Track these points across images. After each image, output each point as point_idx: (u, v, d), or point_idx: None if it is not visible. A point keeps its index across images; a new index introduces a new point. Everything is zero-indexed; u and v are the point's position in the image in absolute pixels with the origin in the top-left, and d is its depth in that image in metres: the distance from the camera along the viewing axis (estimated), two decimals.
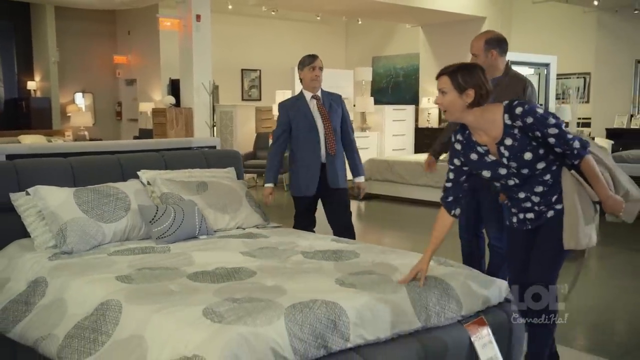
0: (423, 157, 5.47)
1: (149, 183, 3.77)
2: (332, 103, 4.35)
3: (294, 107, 4.34)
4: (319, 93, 4.34)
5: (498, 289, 2.90)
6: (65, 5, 10.75)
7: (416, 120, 12.22)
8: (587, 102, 11.25)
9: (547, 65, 8.67)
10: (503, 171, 2.58)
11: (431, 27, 11.92)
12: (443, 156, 3.91)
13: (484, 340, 2.73)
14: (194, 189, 3.80)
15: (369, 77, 11.80)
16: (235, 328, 2.12)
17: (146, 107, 11.56)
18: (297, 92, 4.59)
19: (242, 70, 13.14)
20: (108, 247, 3.28)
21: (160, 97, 11.36)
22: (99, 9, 11.06)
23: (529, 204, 2.64)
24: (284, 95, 11.59)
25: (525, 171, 2.54)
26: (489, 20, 11.35)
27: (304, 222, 4.38)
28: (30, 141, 9.27)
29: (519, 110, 2.46)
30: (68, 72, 12.53)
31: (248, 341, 2.09)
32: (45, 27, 12.00)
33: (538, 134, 2.46)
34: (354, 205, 8.58)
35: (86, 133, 11.54)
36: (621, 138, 10.24)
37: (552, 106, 8.79)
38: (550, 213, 2.62)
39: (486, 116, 2.53)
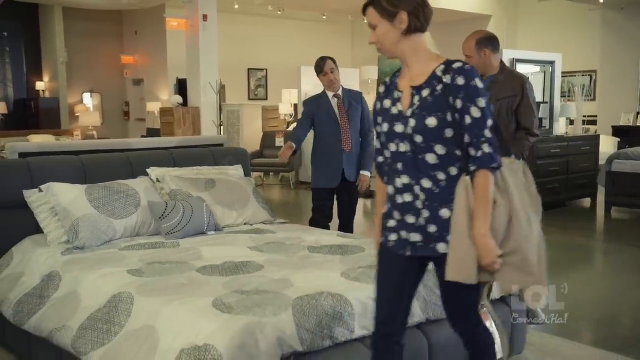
0: None
1: (158, 180, 3.84)
2: (352, 101, 4.52)
3: (317, 104, 4.53)
4: (339, 92, 4.51)
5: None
6: (73, 6, 10.86)
7: None
8: (594, 100, 11.26)
9: (552, 63, 8.65)
10: (399, 128, 2.06)
11: (437, 26, 11.91)
12: None
13: None
14: (203, 186, 3.86)
15: (375, 76, 11.84)
16: (245, 318, 2.19)
17: (153, 107, 11.64)
18: (303, 91, 4.71)
19: (249, 69, 13.20)
20: (119, 243, 3.36)
21: (167, 96, 11.43)
22: (106, 9, 11.15)
23: (409, 199, 2.06)
24: (290, 94, 11.66)
25: (419, 139, 2.02)
26: (494, 18, 11.38)
27: (322, 214, 4.49)
28: (39, 141, 9.36)
29: (457, 65, 2.02)
30: (76, 73, 12.63)
31: (257, 331, 2.15)
32: (53, 27, 12.11)
33: (459, 104, 1.97)
34: (359, 202, 8.65)
35: (94, 133, 11.64)
36: (627, 136, 10.25)
37: (558, 104, 8.79)
38: (442, 247, 2.02)
39: (423, 60, 2.10)
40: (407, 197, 2.07)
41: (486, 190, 1.96)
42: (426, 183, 2.04)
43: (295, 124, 4.59)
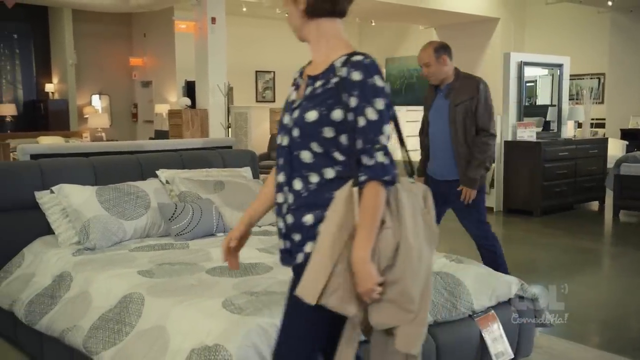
0: None
1: (167, 182, 3.88)
2: None
3: None
4: None
5: (508, 285, 2.97)
6: (82, 8, 10.93)
7: None
8: (602, 102, 11.23)
9: (560, 66, 8.64)
10: (286, 119, 1.84)
11: (445, 29, 11.95)
12: None
13: (494, 334, 2.80)
14: (211, 187, 3.89)
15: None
16: (254, 319, 2.21)
17: (162, 109, 11.70)
18: None
19: (257, 71, 13.24)
20: (129, 244, 3.39)
21: (175, 98, 11.49)
22: (115, 12, 11.22)
23: (280, 199, 1.83)
24: None
25: (295, 133, 1.77)
26: (502, 21, 11.37)
27: None
28: (49, 142, 9.44)
29: (357, 58, 1.76)
30: (85, 74, 12.72)
31: (267, 332, 2.17)
32: (62, 29, 12.20)
33: (353, 102, 1.70)
34: None
35: (103, 134, 11.71)
36: (636, 139, 10.23)
37: (566, 107, 8.77)
38: (300, 257, 1.78)
39: (328, 48, 1.86)
40: (279, 198, 1.84)
41: (374, 206, 1.66)
42: (297, 184, 1.78)
43: None
